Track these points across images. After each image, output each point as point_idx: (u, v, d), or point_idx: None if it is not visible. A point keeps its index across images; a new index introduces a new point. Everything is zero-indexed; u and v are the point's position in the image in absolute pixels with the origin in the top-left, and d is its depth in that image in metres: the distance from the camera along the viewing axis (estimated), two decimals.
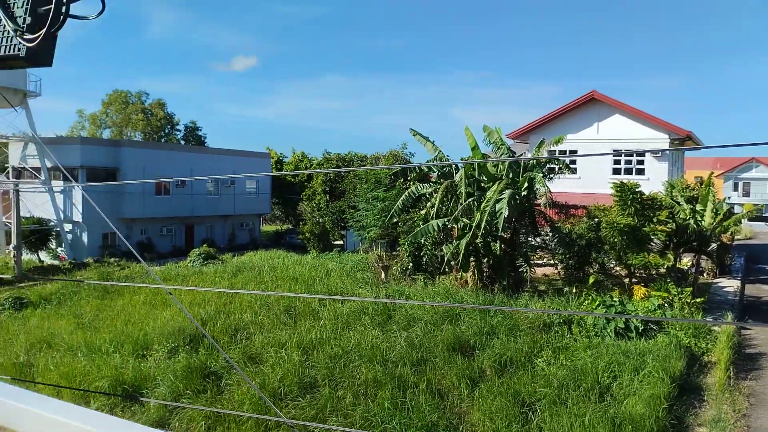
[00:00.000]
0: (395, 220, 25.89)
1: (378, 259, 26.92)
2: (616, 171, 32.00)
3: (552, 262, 24.48)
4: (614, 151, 29.81)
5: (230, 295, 22.26)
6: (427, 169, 24.93)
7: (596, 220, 22.43)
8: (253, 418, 12.44)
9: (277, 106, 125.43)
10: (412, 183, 24.80)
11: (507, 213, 20.08)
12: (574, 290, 21.31)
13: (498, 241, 21.31)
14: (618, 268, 23.32)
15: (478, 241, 21.02)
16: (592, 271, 22.99)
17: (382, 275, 26.01)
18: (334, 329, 17.41)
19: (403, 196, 23.21)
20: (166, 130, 65.38)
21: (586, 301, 18.71)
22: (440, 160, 22.72)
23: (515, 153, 23.01)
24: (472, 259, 21.79)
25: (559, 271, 23.77)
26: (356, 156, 51.91)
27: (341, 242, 43.92)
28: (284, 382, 13.78)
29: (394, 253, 28.75)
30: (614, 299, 18.80)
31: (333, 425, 11.81)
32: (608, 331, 16.39)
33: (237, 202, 45.14)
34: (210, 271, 27.89)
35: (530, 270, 23.33)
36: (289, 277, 25.86)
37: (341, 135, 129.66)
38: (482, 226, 20.03)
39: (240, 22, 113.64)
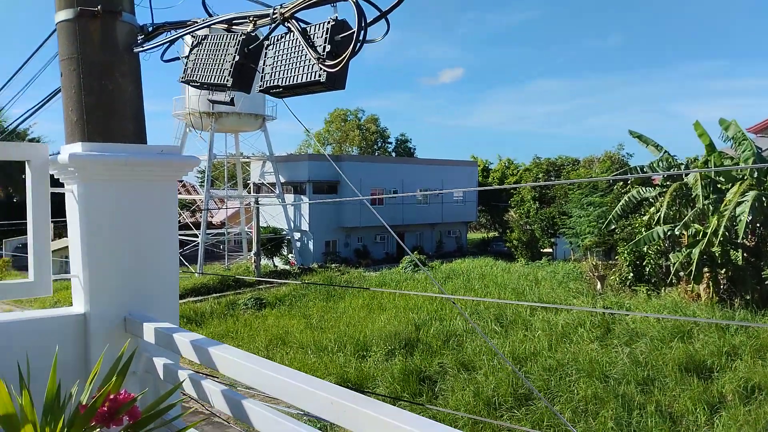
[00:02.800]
0: (613, 226, 24.19)
1: (593, 269, 25.37)
2: None
3: None
4: None
5: (441, 302, 22.69)
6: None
7: None
8: (468, 426, 12.45)
9: (482, 115, 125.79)
10: (632, 187, 22.96)
11: (750, 217, 17.53)
12: None
13: (739, 250, 18.70)
14: None
15: (713, 249, 18.67)
16: None
17: (598, 286, 24.45)
18: (548, 340, 16.76)
19: (623, 201, 21.62)
20: (379, 144, 69.40)
21: None
22: (667, 162, 20.65)
23: (761, 149, 19.92)
24: (706, 269, 19.43)
25: None
26: (567, 160, 49.76)
27: (551, 250, 42.37)
28: (498, 392, 13.59)
29: (610, 262, 26.86)
30: None
31: None
32: None
33: (444, 211, 46.09)
34: (421, 277, 28.77)
35: None
36: (497, 285, 25.61)
37: (551, 139, 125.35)
38: (720, 232, 17.74)
39: (447, 36, 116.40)
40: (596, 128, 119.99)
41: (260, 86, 2.52)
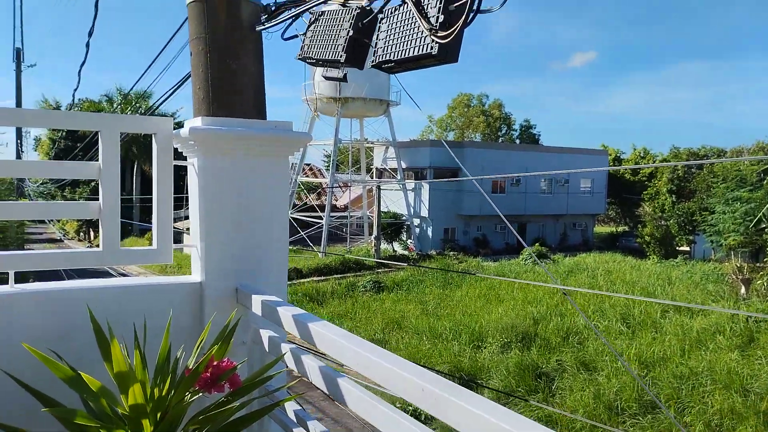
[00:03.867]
0: (762, 225, 21.84)
1: (737, 271, 23.13)
2: None
3: None
4: None
5: (562, 296, 21.81)
6: None
7: None
8: (586, 429, 11.88)
9: (616, 101, 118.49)
10: None
11: None
12: None
13: None
14: None
15: None
16: None
17: (742, 290, 22.28)
18: (681, 346, 15.55)
19: None
20: (503, 130, 67.87)
21: None
22: None
23: None
24: None
25: None
26: (711, 150, 45.72)
27: (688, 249, 39.22)
28: (621, 396, 12.84)
29: (758, 264, 24.34)
30: None
31: None
32: None
33: (570, 202, 44.14)
34: (542, 270, 27.84)
35: None
36: (625, 282, 24.16)
37: (693, 127, 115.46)
38: None
39: (580, 17, 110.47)
40: (746, 116, 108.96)
41: (372, 61, 2.47)
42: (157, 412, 1.65)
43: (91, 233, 40.59)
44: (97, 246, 2.16)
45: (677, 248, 37.78)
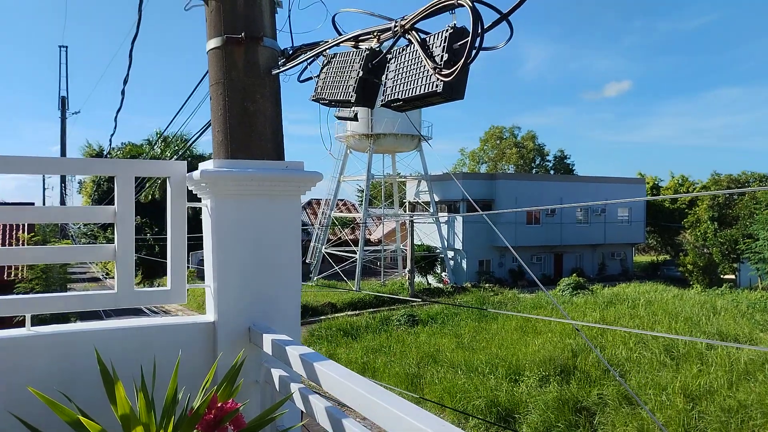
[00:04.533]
0: None
1: None
2: None
3: None
4: None
5: (600, 328, 21.25)
6: None
7: None
8: None
9: (652, 129, 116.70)
10: None
11: None
12: None
13: None
14: None
15: None
16: None
17: None
18: (728, 378, 14.89)
19: None
20: (537, 161, 67.43)
21: None
22: None
23: None
24: None
25: None
26: (753, 176, 44.45)
27: (733, 277, 37.90)
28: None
29: None
30: None
31: None
32: None
33: (608, 231, 43.30)
34: (580, 301, 27.21)
35: None
36: (667, 313, 23.38)
37: (732, 153, 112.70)
38: None
39: (612, 47, 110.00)
40: None
41: (381, 100, 2.51)
42: None
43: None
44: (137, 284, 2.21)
45: (721, 277, 36.55)
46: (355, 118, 2.92)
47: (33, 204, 27.77)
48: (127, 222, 2.24)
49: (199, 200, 2.51)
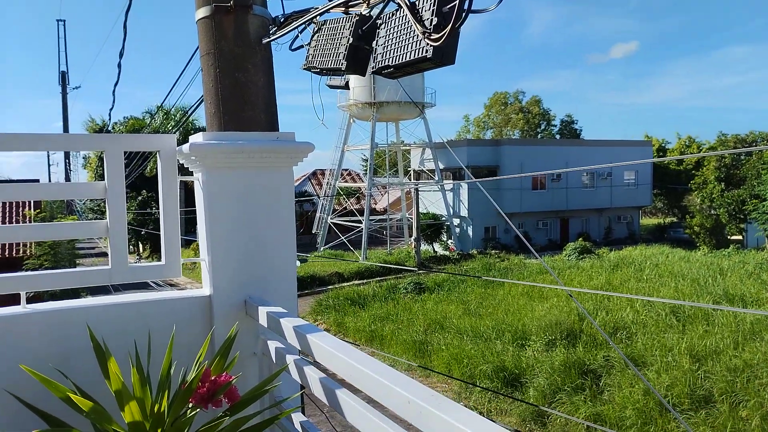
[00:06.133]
0: None
1: None
2: None
3: None
4: None
5: (607, 291, 21.33)
6: None
7: None
8: (637, 426, 11.55)
9: (659, 90, 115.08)
10: None
11: None
12: None
13: None
14: None
15: None
16: None
17: None
18: (734, 338, 14.97)
19: None
20: (542, 126, 66.81)
21: None
22: None
23: None
24: None
25: None
26: (761, 135, 43.95)
27: (740, 238, 37.78)
28: (672, 392, 12.45)
29: None
30: None
31: None
32: None
33: (614, 194, 43.10)
34: (586, 265, 27.26)
35: None
36: (673, 275, 23.41)
37: (740, 113, 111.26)
38: None
39: (619, 7, 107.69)
40: None
41: (372, 67, 2.46)
42: (156, 428, 1.67)
43: (140, 246, 41.75)
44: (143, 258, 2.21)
45: (728, 238, 36.45)
46: (346, 87, 2.87)
47: (38, 180, 27.85)
48: (118, 197, 2.22)
49: (192, 174, 2.49)
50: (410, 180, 41.48)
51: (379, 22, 2.49)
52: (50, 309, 2.09)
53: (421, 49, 2.16)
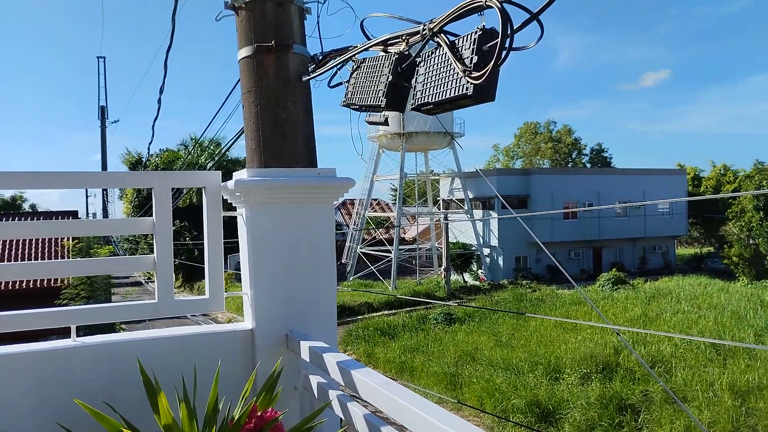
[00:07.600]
0: None
1: None
2: None
3: None
4: None
5: (645, 323, 20.81)
6: None
7: None
8: None
9: (691, 118, 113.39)
10: None
11: None
12: None
13: None
14: None
15: None
16: None
17: None
18: None
19: None
20: (573, 155, 66.34)
21: None
22: None
23: None
24: None
25: None
26: None
27: None
28: (714, 429, 12.00)
29: None
30: None
31: None
32: None
33: (648, 224, 42.28)
34: (621, 296, 26.69)
35: None
36: (712, 307, 22.75)
37: None
38: None
39: (648, 36, 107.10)
40: None
41: (411, 104, 2.50)
42: None
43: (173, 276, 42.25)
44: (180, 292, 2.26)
45: None
46: (386, 123, 2.92)
47: (77, 212, 28.60)
48: (165, 233, 2.29)
49: (235, 209, 2.55)
50: (439, 209, 41.42)
51: (418, 60, 2.54)
52: (100, 342, 2.14)
53: (461, 87, 2.19)
